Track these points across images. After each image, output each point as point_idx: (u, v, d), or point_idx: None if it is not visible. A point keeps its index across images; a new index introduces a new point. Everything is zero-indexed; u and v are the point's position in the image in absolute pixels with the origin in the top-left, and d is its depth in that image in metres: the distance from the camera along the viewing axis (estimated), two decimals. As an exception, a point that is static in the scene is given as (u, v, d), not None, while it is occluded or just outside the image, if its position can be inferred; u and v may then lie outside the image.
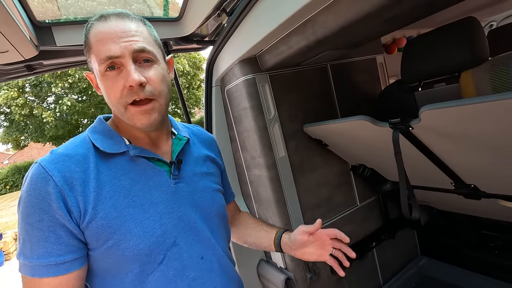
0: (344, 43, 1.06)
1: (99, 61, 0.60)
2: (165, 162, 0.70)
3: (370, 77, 1.56)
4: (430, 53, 1.02)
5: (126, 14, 0.64)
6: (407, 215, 0.99)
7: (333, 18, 0.80)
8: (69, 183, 0.57)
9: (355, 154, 1.32)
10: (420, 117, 0.78)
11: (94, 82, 0.68)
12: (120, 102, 0.61)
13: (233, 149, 1.46)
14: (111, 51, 0.58)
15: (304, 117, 1.31)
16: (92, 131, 0.68)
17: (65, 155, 0.61)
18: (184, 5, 1.23)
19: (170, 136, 0.78)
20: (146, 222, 0.62)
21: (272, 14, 0.89)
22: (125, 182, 0.63)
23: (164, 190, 0.67)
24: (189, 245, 0.68)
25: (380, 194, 1.57)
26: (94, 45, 0.60)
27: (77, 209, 0.57)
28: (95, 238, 0.58)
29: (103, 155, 0.64)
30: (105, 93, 0.63)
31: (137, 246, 0.60)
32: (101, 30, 0.60)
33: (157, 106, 0.64)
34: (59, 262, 0.56)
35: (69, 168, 0.59)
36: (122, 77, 0.60)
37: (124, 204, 0.61)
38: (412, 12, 0.81)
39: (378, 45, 1.64)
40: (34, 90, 12.28)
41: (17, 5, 0.87)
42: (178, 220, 0.67)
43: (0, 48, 0.92)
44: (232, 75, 1.25)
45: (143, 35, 0.63)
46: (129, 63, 0.60)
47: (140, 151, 0.67)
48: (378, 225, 1.55)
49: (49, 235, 0.55)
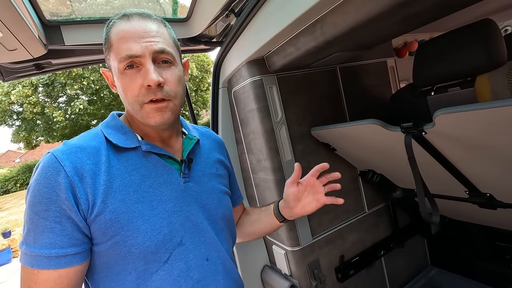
0: (354, 45, 1.03)
1: (119, 59, 0.61)
2: (176, 160, 0.71)
3: (380, 80, 1.53)
4: (444, 56, 0.98)
5: (148, 15, 0.65)
6: (427, 218, 0.96)
7: (343, 18, 0.78)
8: (80, 175, 0.57)
9: (364, 159, 1.28)
10: (434, 121, 0.75)
11: (110, 80, 0.69)
12: (137, 101, 0.62)
13: (239, 152, 1.44)
14: (132, 50, 0.60)
15: (312, 120, 1.28)
16: (105, 125, 0.69)
17: (78, 146, 0.61)
18: (192, 6, 1.22)
19: (181, 136, 0.78)
20: (154, 219, 0.62)
21: (281, 15, 0.87)
22: (136, 177, 0.63)
23: (173, 188, 0.67)
24: (195, 245, 0.67)
25: (390, 201, 1.52)
26: (115, 43, 0.61)
27: (85, 202, 0.57)
28: (102, 232, 0.58)
29: (116, 149, 0.65)
30: (121, 90, 0.64)
31: (144, 243, 0.60)
32: (123, 29, 0.61)
33: (172, 106, 0.65)
34: (61, 255, 0.55)
35: (81, 160, 0.59)
36: (141, 76, 0.61)
37: (133, 199, 0.61)
38: (426, 13, 0.78)
39: (389, 48, 1.60)
40: (46, 89, 12.54)
41: (26, 3, 0.87)
42: (185, 220, 0.67)
43: (8, 46, 0.92)
44: (239, 76, 1.24)
45: (163, 37, 0.65)
46: (148, 62, 0.61)
47: (152, 147, 0.67)
48: (387, 233, 1.51)
49: (54, 225, 0.55)
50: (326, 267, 1.29)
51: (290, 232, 1.21)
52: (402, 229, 1.53)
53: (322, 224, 1.30)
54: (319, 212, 1.30)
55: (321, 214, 1.30)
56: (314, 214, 1.28)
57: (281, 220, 0.93)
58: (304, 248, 1.22)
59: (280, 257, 1.29)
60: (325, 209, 1.31)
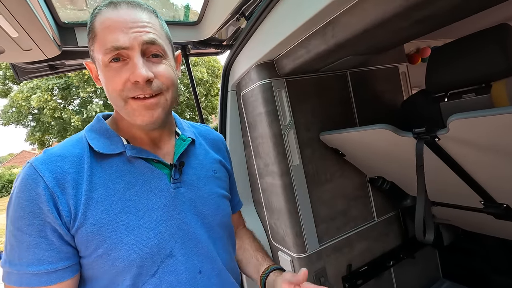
0: (366, 48, 1.02)
1: (104, 51, 0.54)
2: (165, 165, 0.65)
3: (391, 86, 1.50)
4: (459, 62, 0.96)
5: (138, 3, 0.59)
6: (420, 237, 0.91)
7: (355, 20, 0.77)
8: (61, 185, 0.53)
9: (373, 166, 1.26)
10: (448, 127, 0.73)
11: (94, 73, 0.63)
12: (120, 95, 0.56)
13: (246, 156, 1.43)
14: (118, 41, 0.53)
15: (321, 125, 1.26)
16: (89, 129, 0.64)
17: (58, 155, 0.57)
18: (203, 9, 1.23)
19: (174, 137, 0.72)
20: (139, 230, 0.57)
21: (291, 17, 0.87)
22: (120, 185, 0.58)
23: (162, 195, 0.61)
24: (186, 257, 0.61)
25: (400, 210, 1.48)
26: (100, 33, 0.55)
27: (67, 213, 0.53)
28: (85, 245, 0.54)
29: (98, 155, 0.59)
30: (105, 85, 0.58)
31: (128, 256, 0.55)
32: (109, 17, 0.55)
33: (163, 101, 0.59)
34: (50, 271, 0.51)
35: (62, 169, 0.55)
36: (127, 70, 0.55)
37: (117, 210, 0.56)
38: (440, 15, 0.76)
39: (401, 54, 1.58)
40: (62, 93, 12.89)
41: (42, 5, 0.89)
42: (176, 229, 0.61)
43: (24, 47, 0.94)
44: (249, 79, 1.24)
45: (154, 27, 0.58)
46: (136, 56, 0.55)
47: (138, 151, 0.62)
48: (397, 242, 1.46)
49: (40, 240, 0.51)
50: (333, 276, 1.25)
51: (297, 238, 1.19)
52: (412, 239, 1.48)
53: (329, 231, 1.27)
54: (327, 219, 1.27)
55: (328, 220, 1.27)
56: (322, 220, 1.25)
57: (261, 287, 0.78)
58: (311, 255, 1.20)
59: (286, 263, 1.26)
60: (332, 215, 1.29)
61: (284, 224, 1.22)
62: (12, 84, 12.96)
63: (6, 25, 0.77)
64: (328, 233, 1.26)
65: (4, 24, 0.77)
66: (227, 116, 1.40)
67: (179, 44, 1.34)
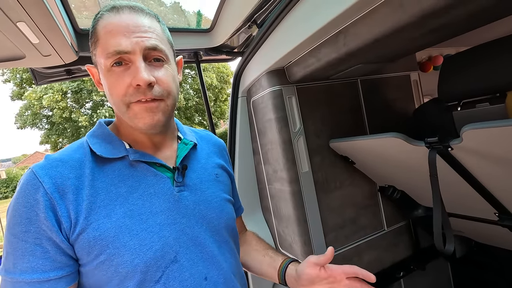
0: (377, 57, 1.02)
1: (106, 55, 0.55)
2: (168, 168, 0.64)
3: (403, 94, 1.49)
4: (474, 70, 0.95)
5: (140, 8, 0.60)
6: (440, 247, 0.89)
7: (367, 29, 0.77)
8: (61, 191, 0.53)
9: (384, 174, 1.24)
10: (462, 136, 0.71)
11: (96, 77, 0.64)
12: (123, 100, 0.56)
13: (255, 162, 1.43)
14: (121, 45, 0.54)
15: (331, 132, 1.26)
16: (91, 135, 0.64)
17: (59, 160, 0.57)
18: (216, 17, 1.25)
19: (176, 141, 0.72)
20: (143, 234, 0.56)
21: (303, 25, 0.88)
22: (123, 190, 0.58)
23: (165, 199, 0.61)
24: (191, 262, 0.60)
25: (411, 220, 1.45)
26: (102, 37, 0.56)
27: (67, 220, 0.52)
28: (86, 251, 0.53)
29: (100, 160, 0.59)
30: (107, 89, 0.58)
31: (132, 261, 0.53)
32: (111, 22, 0.56)
33: (163, 106, 0.59)
34: (43, 280, 0.50)
35: (62, 174, 0.54)
36: (129, 74, 0.55)
37: (119, 214, 0.55)
38: (455, 25, 0.76)
39: (413, 62, 1.57)
40: (75, 96, 13.21)
41: (62, 12, 0.93)
42: (181, 233, 0.60)
43: (43, 52, 0.98)
44: (259, 86, 1.25)
45: (156, 32, 0.59)
46: (138, 60, 0.55)
47: (140, 155, 0.61)
48: (407, 253, 1.43)
49: (35, 248, 0.50)
50: (341, 286, 1.23)
51: (305, 246, 1.18)
52: (423, 250, 1.45)
53: (338, 239, 1.25)
54: (335, 227, 1.26)
55: (337, 229, 1.26)
56: (330, 228, 1.24)
57: (280, 282, 0.78)
58: None
59: (293, 271, 1.25)
60: (341, 224, 1.27)
61: (292, 231, 1.21)
62: (28, 87, 13.37)
63: (28, 32, 0.80)
64: (337, 241, 1.25)
65: (26, 31, 0.80)
66: (237, 122, 1.41)
67: (192, 50, 1.37)
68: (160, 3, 2.96)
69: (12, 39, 0.84)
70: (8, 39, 0.83)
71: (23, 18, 0.75)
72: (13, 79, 13.26)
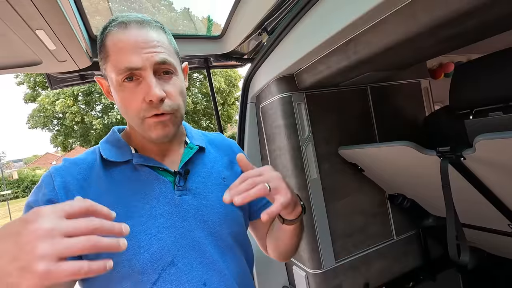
0: (388, 65, 1.01)
1: (117, 71, 0.57)
2: (170, 172, 0.65)
3: (413, 102, 1.47)
4: (487, 78, 0.93)
5: (147, 22, 0.61)
6: (455, 257, 0.88)
7: (378, 37, 0.77)
8: (66, 189, 0.57)
9: (393, 183, 1.23)
10: (475, 146, 0.70)
11: (105, 88, 0.67)
12: (138, 115, 0.59)
13: (263, 167, 1.43)
14: (132, 62, 0.56)
15: (340, 139, 1.25)
16: (104, 141, 0.68)
17: (73, 162, 0.62)
18: (226, 24, 1.27)
19: (183, 146, 0.73)
20: (141, 235, 0.57)
21: (314, 33, 0.88)
22: (125, 192, 0.60)
23: (166, 202, 0.62)
24: (189, 266, 0.60)
25: (420, 229, 1.43)
26: (112, 54, 0.58)
27: None
28: None
29: (108, 163, 0.63)
30: (121, 104, 0.61)
31: (129, 261, 0.55)
32: (121, 39, 0.58)
33: (173, 119, 0.62)
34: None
35: (71, 175, 0.59)
36: (141, 90, 0.58)
37: (120, 215, 0.57)
38: (468, 34, 0.75)
39: (423, 69, 1.55)
40: (85, 98, 13.48)
41: (78, 19, 0.96)
42: (180, 237, 0.60)
43: (59, 58, 1.01)
44: (268, 92, 1.25)
45: (164, 46, 0.61)
46: (149, 75, 0.57)
47: (144, 160, 0.64)
48: (417, 263, 1.40)
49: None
50: (349, 295, 1.22)
51: (312, 253, 1.17)
52: (434, 260, 1.42)
53: (346, 247, 1.24)
54: (344, 235, 1.24)
55: (345, 237, 1.25)
56: (338, 236, 1.23)
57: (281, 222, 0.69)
58: (326, 272, 1.17)
59: (300, 279, 1.24)
60: (349, 231, 1.26)
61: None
62: (41, 90, 13.69)
63: (46, 39, 0.83)
64: (345, 249, 1.24)
65: (45, 38, 0.82)
66: (245, 128, 1.41)
67: (202, 56, 1.39)
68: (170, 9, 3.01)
69: (31, 46, 0.87)
70: (27, 46, 0.86)
71: (42, 26, 0.77)
72: (27, 82, 13.62)
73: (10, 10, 0.68)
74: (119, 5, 1.98)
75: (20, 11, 0.69)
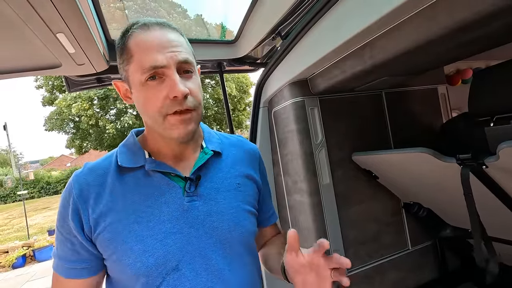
0: (404, 70, 0.99)
1: (142, 70, 0.58)
2: (182, 178, 0.65)
3: (430, 108, 1.44)
4: (508, 84, 0.90)
5: (167, 24, 0.63)
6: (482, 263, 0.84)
7: (395, 42, 0.76)
8: (84, 197, 0.61)
9: (409, 190, 1.19)
10: (498, 154, 0.68)
11: (122, 91, 0.67)
12: (160, 112, 0.59)
13: (274, 173, 1.42)
14: (157, 61, 0.57)
15: (353, 145, 1.23)
16: (122, 144, 0.70)
17: (91, 168, 0.65)
18: (241, 29, 1.28)
19: (199, 150, 0.72)
20: (148, 240, 0.59)
21: (328, 37, 0.88)
22: (137, 197, 0.62)
23: (174, 208, 0.62)
24: (194, 273, 0.59)
25: (437, 240, 1.38)
26: (136, 54, 0.59)
27: (87, 222, 0.60)
28: (103, 250, 0.60)
29: (122, 169, 0.64)
30: (142, 103, 0.61)
31: (135, 265, 0.57)
32: (144, 39, 0.59)
33: (195, 116, 0.62)
34: (70, 267, 0.61)
35: (87, 182, 0.62)
36: (165, 87, 0.58)
37: (131, 220, 0.60)
38: (489, 38, 0.73)
39: (441, 74, 1.52)
40: (101, 102, 13.82)
41: (97, 23, 0.98)
42: (186, 243, 0.60)
43: (78, 61, 1.03)
44: (281, 97, 1.25)
45: (183, 46, 0.63)
46: (174, 73, 0.58)
47: (156, 165, 0.64)
48: (433, 275, 1.35)
49: (66, 241, 0.61)
50: (362, 306, 1.18)
51: (324, 262, 1.14)
52: (451, 273, 1.36)
53: (359, 257, 1.21)
54: (356, 243, 1.21)
55: (358, 245, 1.21)
56: (351, 244, 1.20)
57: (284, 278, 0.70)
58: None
59: (311, 287, 1.21)
60: (362, 240, 1.22)
61: (311, 244, 1.17)
62: (59, 93, 14.14)
63: (66, 42, 0.85)
64: (357, 258, 1.20)
65: (65, 41, 0.84)
66: (257, 132, 1.41)
67: (216, 61, 1.40)
68: (184, 16, 3.07)
69: (51, 49, 0.89)
70: (48, 49, 0.89)
71: (62, 30, 0.79)
72: (45, 85, 14.10)
73: (33, 14, 0.70)
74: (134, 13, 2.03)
75: (43, 15, 0.71)
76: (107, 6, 1.10)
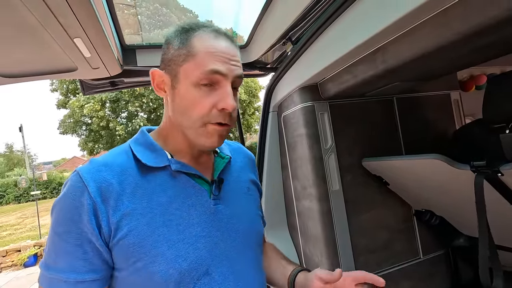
0: (417, 75, 0.98)
1: (202, 70, 0.57)
2: (206, 180, 0.65)
3: (442, 114, 1.41)
4: None
5: (231, 37, 0.64)
6: (487, 283, 0.81)
7: (408, 47, 0.75)
8: (103, 195, 0.54)
9: (421, 198, 1.17)
10: None
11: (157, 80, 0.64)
12: (203, 119, 0.59)
13: (283, 177, 1.42)
14: (220, 68, 0.58)
15: (364, 150, 1.22)
16: (134, 142, 0.65)
17: (104, 164, 0.58)
18: (251, 34, 1.29)
19: (212, 154, 0.74)
20: (179, 244, 0.57)
21: (339, 42, 0.87)
22: (163, 199, 0.59)
23: (203, 211, 0.62)
24: (223, 277, 0.60)
25: (450, 249, 1.34)
26: (201, 54, 0.58)
27: (106, 225, 0.53)
28: (124, 257, 0.54)
29: (144, 168, 0.60)
30: (186, 103, 0.59)
31: (167, 271, 0.54)
32: (214, 44, 0.59)
33: (228, 132, 0.63)
34: (79, 280, 0.52)
35: (105, 179, 0.56)
36: (216, 96, 0.59)
37: (159, 223, 0.56)
38: (505, 43, 0.71)
39: (454, 80, 1.49)
40: (112, 105, 14.11)
41: (112, 29, 1.01)
42: (214, 246, 0.60)
43: (93, 65, 1.06)
44: (291, 101, 1.25)
45: (240, 63, 0.63)
46: (229, 85, 0.59)
47: (182, 166, 0.63)
48: (445, 286, 1.31)
49: (76, 248, 0.53)
50: (371, 315, 1.15)
51: (332, 269, 1.12)
52: (464, 284, 1.32)
53: (368, 265, 1.18)
54: (366, 251, 1.19)
55: (367, 253, 1.19)
56: (360, 252, 1.18)
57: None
58: None
59: (319, 294, 1.19)
60: (372, 248, 1.20)
61: (320, 251, 1.16)
62: (73, 96, 14.50)
63: (83, 47, 0.88)
64: (367, 267, 1.18)
65: (81, 46, 0.87)
66: (267, 136, 1.41)
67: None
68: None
69: (68, 53, 0.92)
70: (65, 53, 0.92)
71: (79, 34, 0.82)
72: (60, 89, 14.49)
73: (53, 20, 0.72)
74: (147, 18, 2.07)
75: (62, 21, 0.74)
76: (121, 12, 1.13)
